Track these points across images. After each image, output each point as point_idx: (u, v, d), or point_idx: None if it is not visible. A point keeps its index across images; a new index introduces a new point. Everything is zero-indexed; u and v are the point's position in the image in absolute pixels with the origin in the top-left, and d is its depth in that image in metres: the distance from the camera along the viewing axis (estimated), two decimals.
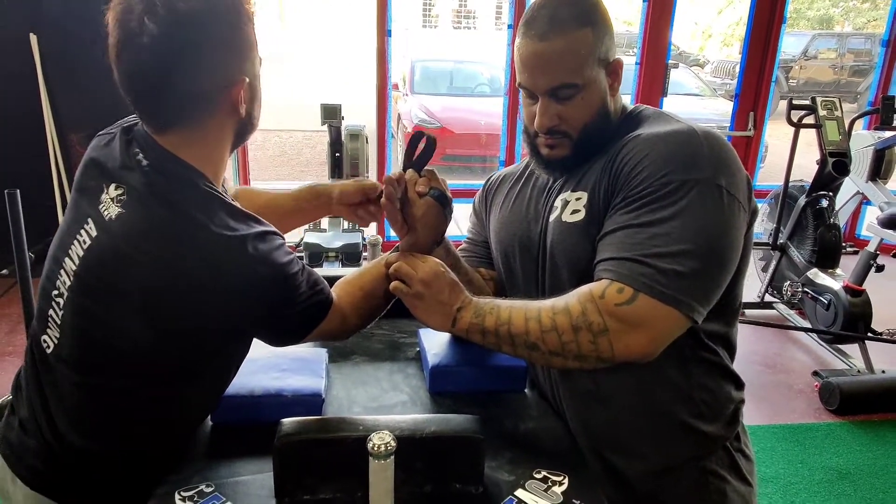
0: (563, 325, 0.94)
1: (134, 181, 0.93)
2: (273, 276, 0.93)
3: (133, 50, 0.88)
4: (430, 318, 1.04)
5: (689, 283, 0.92)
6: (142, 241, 0.90)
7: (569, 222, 1.06)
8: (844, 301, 3.08)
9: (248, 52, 0.95)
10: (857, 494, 2.34)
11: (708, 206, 0.94)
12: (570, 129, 1.08)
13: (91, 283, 0.95)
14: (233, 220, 0.92)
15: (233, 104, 0.96)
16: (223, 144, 1.00)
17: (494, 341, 1.00)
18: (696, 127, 1.01)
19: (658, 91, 4.48)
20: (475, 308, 1.01)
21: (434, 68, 8.31)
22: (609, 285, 0.94)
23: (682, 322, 0.94)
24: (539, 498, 0.92)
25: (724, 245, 0.96)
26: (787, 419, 2.80)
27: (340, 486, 0.91)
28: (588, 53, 1.04)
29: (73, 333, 0.97)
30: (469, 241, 1.35)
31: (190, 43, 0.88)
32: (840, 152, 3.25)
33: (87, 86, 3.77)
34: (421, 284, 1.02)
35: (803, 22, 16.14)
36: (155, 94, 0.92)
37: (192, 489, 0.91)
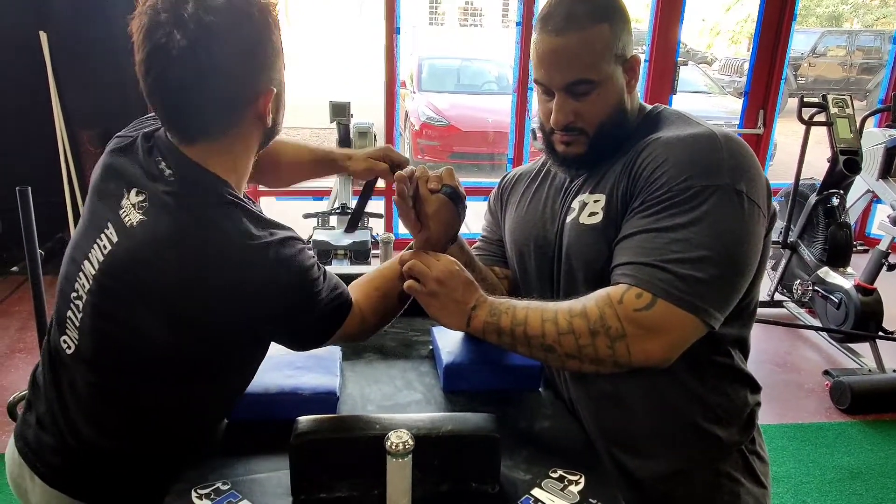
0: (580, 329, 0.94)
1: (156, 189, 0.94)
2: (295, 283, 0.94)
3: (162, 63, 0.88)
4: (444, 317, 1.03)
5: (708, 290, 0.92)
6: (164, 248, 0.90)
7: (586, 224, 1.06)
8: (855, 300, 3.06)
9: (274, 61, 0.95)
10: (868, 494, 2.33)
11: (728, 212, 0.94)
12: (587, 126, 1.07)
13: (113, 288, 0.95)
14: (255, 228, 0.93)
15: (259, 114, 0.96)
16: (249, 154, 1.01)
17: (510, 341, 0.99)
18: (716, 131, 1.00)
19: (667, 88, 4.47)
20: (490, 307, 1.00)
21: (441, 66, 8.31)
22: (627, 290, 0.93)
23: (700, 328, 0.93)
24: (555, 497, 0.92)
25: (744, 252, 0.95)
26: (798, 418, 2.78)
27: (357, 484, 0.91)
28: (604, 49, 1.03)
29: (94, 336, 0.97)
30: (483, 238, 1.35)
31: (218, 55, 0.88)
32: (851, 150, 3.23)
33: (96, 83, 3.79)
34: (435, 283, 1.01)
35: (812, 19, 16.05)
36: (183, 107, 0.92)
37: (209, 486, 0.91)
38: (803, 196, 3.53)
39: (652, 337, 0.92)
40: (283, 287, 0.93)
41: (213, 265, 0.89)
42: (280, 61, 0.97)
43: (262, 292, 0.91)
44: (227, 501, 0.89)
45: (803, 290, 3.41)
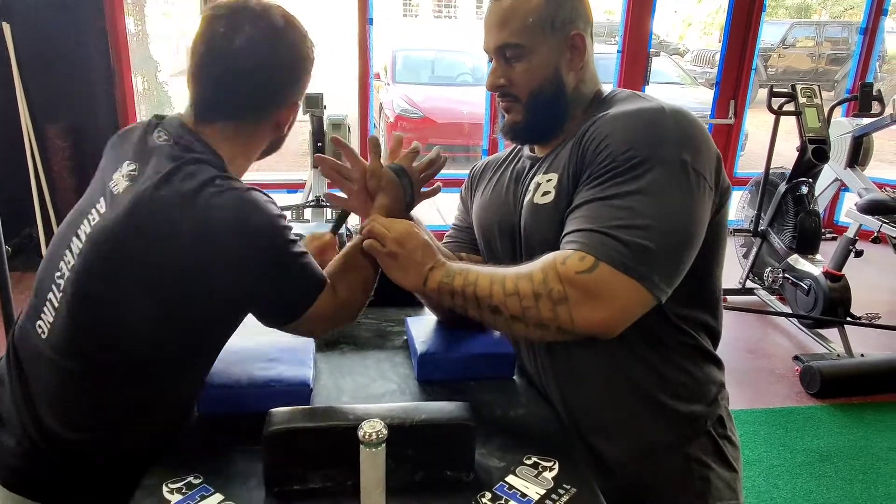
0: (524, 291, 0.94)
1: (149, 156, 0.98)
2: (271, 240, 0.96)
3: (216, 49, 1.00)
4: (402, 277, 1.05)
5: (652, 258, 0.91)
6: (146, 204, 0.93)
7: (539, 204, 1.07)
8: (824, 286, 3.12)
9: (303, 86, 1.08)
10: (837, 475, 2.39)
11: (672, 182, 0.94)
12: (519, 93, 1.10)
13: (94, 259, 0.96)
14: (234, 182, 0.97)
15: (279, 122, 1.08)
16: (253, 152, 1.09)
17: (461, 303, 1.01)
18: (664, 104, 1.01)
19: (640, 79, 4.50)
20: (447, 269, 1.02)
21: (416, 58, 8.27)
22: (571, 254, 0.93)
23: (644, 297, 0.92)
24: (529, 483, 0.92)
25: (688, 222, 0.95)
26: (769, 403, 2.84)
27: (331, 475, 0.91)
28: (536, 16, 1.05)
29: (69, 315, 0.97)
30: (455, 227, 1.36)
31: (262, 55, 1.01)
32: (819, 139, 3.29)
33: (62, 77, 3.72)
34: (394, 243, 1.04)
35: (781, 10, 16.26)
36: (226, 81, 1.01)
37: (180, 481, 0.90)
38: (773, 185, 3.58)
39: (594, 302, 0.91)
40: (255, 232, 0.95)
41: (194, 220, 0.92)
42: (304, 91, 1.10)
43: (239, 248, 0.93)
44: (200, 495, 0.88)
45: (774, 278, 3.47)
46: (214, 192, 0.93)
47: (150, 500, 0.87)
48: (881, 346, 3.27)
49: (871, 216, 3.22)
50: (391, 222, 1.06)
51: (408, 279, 1.04)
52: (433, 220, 5.05)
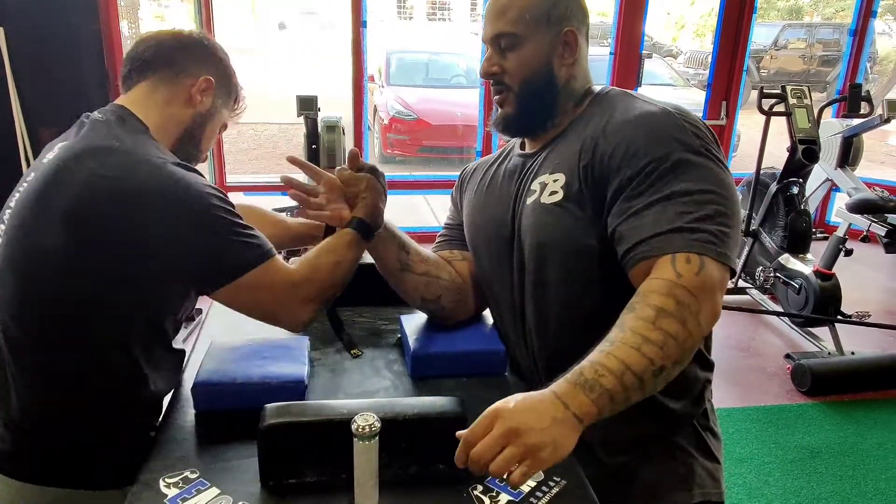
0: (671, 327, 0.86)
1: (77, 131, 1.05)
2: (199, 196, 0.99)
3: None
4: (565, 445, 0.79)
5: (730, 240, 0.95)
6: (70, 162, 0.98)
7: (546, 203, 1.08)
8: (815, 285, 3.15)
9: (212, 68, 1.17)
10: (828, 472, 2.41)
11: (710, 167, 0.99)
12: (511, 82, 1.12)
13: (19, 219, 1.00)
14: (168, 156, 1.02)
15: (191, 93, 1.13)
16: (171, 121, 1.13)
17: (623, 398, 0.84)
18: (667, 107, 1.05)
19: (632, 81, 4.53)
20: (583, 387, 0.82)
21: (410, 60, 8.30)
22: (673, 261, 0.92)
23: (729, 276, 0.95)
24: None
25: (735, 197, 1.01)
26: (761, 401, 2.86)
27: (325, 468, 0.92)
28: (533, 9, 1.09)
29: (3, 282, 1.00)
30: (447, 225, 1.38)
31: (178, 33, 1.17)
32: (809, 140, 3.32)
33: (56, 80, 3.71)
34: (531, 433, 0.78)
35: (773, 12, 16.33)
36: (138, 48, 1.14)
37: (177, 475, 0.92)
38: (764, 185, 3.61)
39: (714, 296, 0.92)
40: (188, 196, 0.98)
41: (122, 170, 0.96)
42: (217, 72, 1.17)
43: (166, 200, 0.96)
44: (196, 489, 0.89)
45: (765, 277, 3.50)
46: (134, 150, 0.99)
47: (147, 494, 0.88)
48: (871, 343, 3.30)
49: (860, 215, 3.25)
50: (492, 422, 0.79)
51: (569, 440, 0.80)
52: (427, 222, 5.06)
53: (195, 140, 1.17)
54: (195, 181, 1.00)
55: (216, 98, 1.18)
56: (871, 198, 3.28)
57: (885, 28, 14.11)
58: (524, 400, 0.81)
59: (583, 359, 0.86)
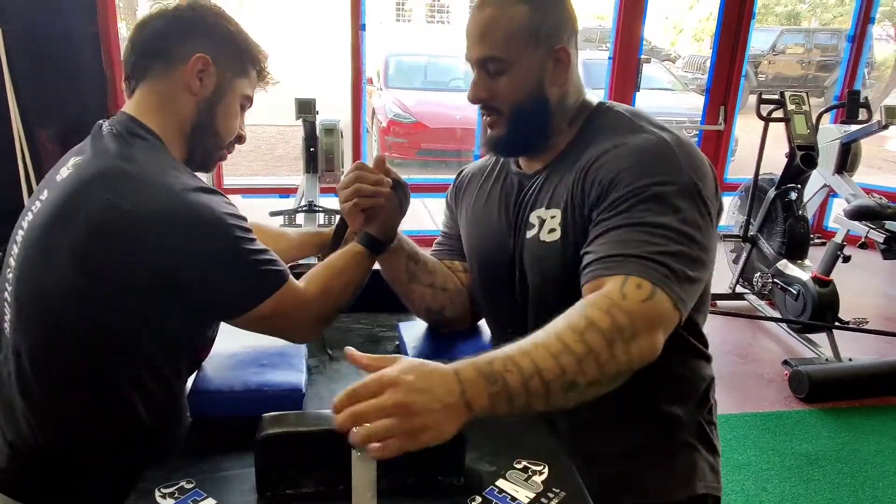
0: (596, 344, 0.83)
1: (92, 145, 0.99)
2: (220, 226, 0.95)
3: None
4: (443, 428, 0.77)
5: (689, 286, 0.91)
6: (85, 185, 0.93)
7: (547, 242, 1.05)
8: (813, 291, 3.15)
9: (205, 36, 1.06)
10: (825, 479, 2.41)
11: (693, 211, 0.95)
12: (501, 107, 1.07)
13: (30, 242, 0.97)
14: (184, 175, 0.97)
15: (188, 79, 1.04)
16: (178, 118, 1.05)
17: (524, 402, 0.81)
18: (666, 136, 1.01)
19: (631, 86, 4.53)
20: (484, 376, 0.79)
21: (408, 62, 8.30)
22: (625, 281, 0.89)
23: (677, 319, 0.91)
24: (520, 487, 0.93)
25: (707, 248, 0.97)
26: (758, 407, 2.86)
27: (323, 479, 0.91)
28: (519, 29, 1.03)
29: (15, 306, 0.97)
30: (444, 234, 1.36)
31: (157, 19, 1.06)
32: (808, 146, 3.32)
33: (54, 80, 3.71)
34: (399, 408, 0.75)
35: (771, 17, 16.40)
36: (133, 41, 1.06)
37: (173, 485, 0.91)
38: (762, 191, 3.61)
39: (654, 329, 0.87)
40: (207, 226, 0.93)
41: (136, 202, 0.91)
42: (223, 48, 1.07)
43: (186, 230, 0.92)
44: (192, 500, 0.88)
45: (763, 283, 3.50)
46: (152, 171, 0.94)
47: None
48: (869, 350, 3.31)
49: (858, 222, 3.25)
50: (376, 386, 0.76)
51: (448, 423, 0.77)
52: (425, 225, 5.06)
53: (208, 130, 1.07)
54: (214, 209, 0.94)
55: (222, 73, 1.06)
56: (869, 204, 3.28)
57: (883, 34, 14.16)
58: (423, 376, 0.77)
59: (503, 346, 0.83)
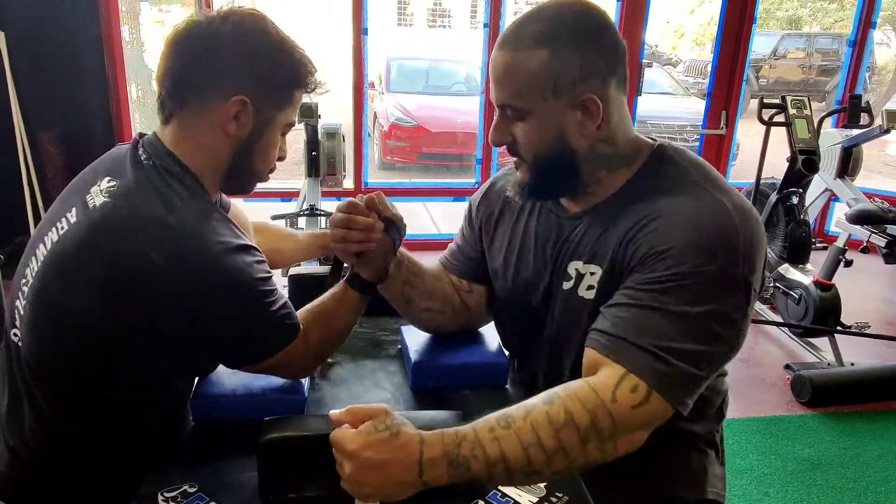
0: (570, 442, 0.83)
1: (128, 174, 0.96)
2: (249, 287, 0.95)
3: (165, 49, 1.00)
4: (392, 496, 0.82)
5: (695, 386, 0.89)
6: (121, 228, 0.92)
7: (584, 298, 1.01)
8: (815, 295, 3.15)
9: (251, 82, 0.99)
10: (828, 484, 2.40)
11: (733, 307, 0.89)
12: (523, 153, 1.00)
13: (54, 268, 0.96)
14: (221, 227, 0.95)
15: (224, 118, 0.98)
16: (213, 158, 1.01)
17: (484, 482, 0.86)
18: (728, 203, 0.93)
19: (633, 90, 4.53)
20: (448, 458, 0.81)
21: (410, 67, 8.31)
22: (621, 381, 0.86)
23: (670, 414, 0.89)
24: (522, 491, 0.93)
25: (734, 348, 0.92)
26: (761, 412, 2.85)
27: (326, 483, 0.91)
28: (536, 78, 0.93)
29: (30, 324, 0.97)
30: (458, 247, 1.29)
31: (214, 36, 0.98)
32: (809, 150, 3.32)
33: (55, 84, 3.72)
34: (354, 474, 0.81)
35: (773, 22, 16.40)
36: (168, 67, 1.00)
37: (176, 489, 0.91)
38: (764, 195, 3.61)
39: (637, 431, 0.87)
40: (236, 290, 0.94)
41: (174, 254, 0.90)
42: (271, 92, 1.01)
43: (216, 291, 0.93)
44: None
45: (764, 287, 3.49)
46: (189, 227, 0.92)
47: None
48: (871, 354, 3.30)
49: (860, 226, 3.25)
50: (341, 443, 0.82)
51: (398, 493, 0.81)
52: (427, 229, 5.06)
53: (244, 168, 1.04)
54: (246, 273, 0.95)
55: (261, 111, 1.00)
56: (870, 208, 3.28)
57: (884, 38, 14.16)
58: (382, 453, 0.80)
59: (482, 416, 0.85)
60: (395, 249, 1.11)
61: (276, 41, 1.00)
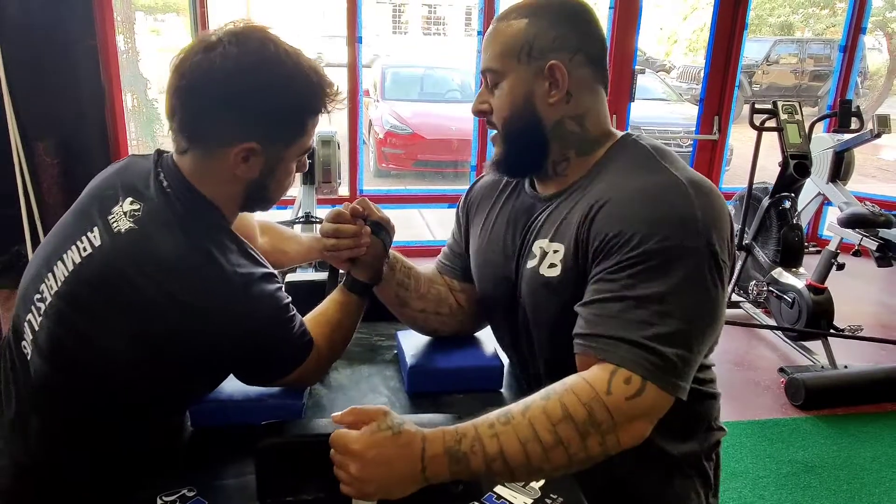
0: (568, 437, 0.83)
1: (152, 200, 0.96)
2: (273, 317, 0.98)
3: (179, 75, 0.95)
4: (394, 493, 0.84)
5: (687, 367, 0.89)
6: (150, 264, 0.92)
7: (544, 276, 1.03)
8: (808, 299, 3.17)
9: (274, 124, 0.98)
10: (822, 486, 2.41)
11: (702, 279, 0.90)
12: (497, 120, 1.06)
13: (81, 294, 0.95)
14: (243, 259, 0.97)
15: (242, 156, 0.97)
16: (231, 193, 1.02)
17: (485, 478, 0.88)
18: (682, 178, 0.95)
19: (625, 96, 4.56)
20: (448, 453, 0.83)
21: (405, 74, 8.34)
22: (614, 374, 0.86)
23: (671, 401, 0.89)
24: (517, 493, 0.94)
25: (716, 317, 0.93)
26: (755, 415, 2.86)
27: (323, 486, 0.92)
28: (514, 42, 1.01)
29: (47, 341, 0.96)
30: (450, 249, 1.33)
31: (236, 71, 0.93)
32: (801, 154, 3.34)
33: (52, 93, 3.72)
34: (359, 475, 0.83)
35: (765, 28, 16.50)
36: (183, 97, 0.96)
37: (174, 493, 0.92)
38: (757, 199, 3.63)
39: (639, 421, 0.87)
40: (261, 320, 0.97)
41: (198, 289, 0.92)
42: (285, 132, 1.00)
43: (243, 322, 0.95)
44: None
45: (758, 291, 3.51)
46: (230, 277, 0.94)
47: None
48: (864, 357, 3.32)
49: (852, 230, 3.27)
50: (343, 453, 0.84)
51: (401, 491, 0.84)
52: (422, 236, 5.08)
53: (261, 197, 1.05)
54: (271, 303, 0.98)
55: (270, 150, 0.99)
56: (862, 212, 3.31)
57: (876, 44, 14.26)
58: (386, 451, 0.82)
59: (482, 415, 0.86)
60: (387, 249, 1.15)
61: (283, 73, 0.96)
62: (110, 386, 0.95)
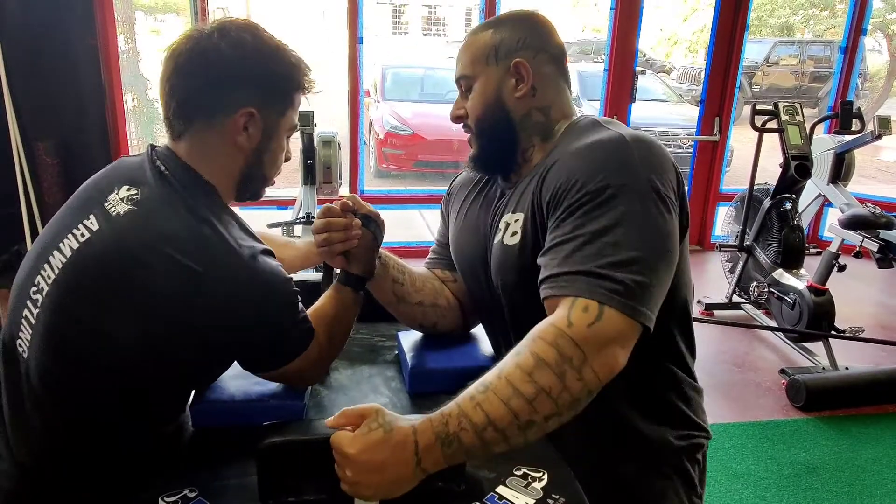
0: (547, 382, 0.84)
1: (150, 184, 0.97)
2: (280, 292, 0.99)
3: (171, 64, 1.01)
4: (393, 492, 0.84)
5: (644, 292, 0.90)
6: (155, 238, 0.92)
7: (508, 245, 1.08)
8: (809, 300, 3.17)
9: (255, 93, 1.02)
10: (823, 487, 2.41)
11: (647, 210, 0.94)
12: (472, 122, 1.14)
13: (81, 279, 0.94)
14: (244, 234, 0.98)
15: (234, 131, 1.01)
16: (229, 171, 1.05)
17: (482, 451, 0.86)
18: (623, 132, 1.01)
19: (626, 97, 4.56)
20: (438, 438, 0.84)
21: (405, 75, 8.35)
22: (573, 305, 0.88)
23: (639, 330, 0.91)
24: (520, 494, 0.94)
25: (667, 248, 0.95)
26: (756, 416, 2.86)
27: (325, 487, 0.92)
28: (483, 50, 1.12)
29: (46, 334, 0.95)
30: (437, 242, 1.39)
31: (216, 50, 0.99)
32: (802, 156, 3.35)
33: (53, 94, 3.72)
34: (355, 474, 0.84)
35: (765, 29, 16.51)
36: (176, 83, 1.01)
37: (176, 494, 0.91)
38: (758, 200, 3.63)
39: (608, 348, 0.87)
40: (272, 290, 0.98)
41: (208, 265, 0.92)
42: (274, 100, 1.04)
43: (254, 292, 0.95)
44: None
45: (759, 292, 3.51)
46: (220, 234, 0.94)
47: None
48: (865, 358, 3.32)
49: (853, 231, 3.28)
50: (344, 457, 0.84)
51: (399, 488, 0.84)
52: (422, 236, 5.08)
53: (257, 175, 1.08)
54: (277, 276, 0.99)
55: (267, 118, 1.04)
56: (863, 213, 3.31)
57: (876, 45, 14.27)
58: (378, 453, 0.82)
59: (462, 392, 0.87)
60: (378, 242, 1.18)
61: (272, 48, 1.03)
62: (113, 375, 0.94)
